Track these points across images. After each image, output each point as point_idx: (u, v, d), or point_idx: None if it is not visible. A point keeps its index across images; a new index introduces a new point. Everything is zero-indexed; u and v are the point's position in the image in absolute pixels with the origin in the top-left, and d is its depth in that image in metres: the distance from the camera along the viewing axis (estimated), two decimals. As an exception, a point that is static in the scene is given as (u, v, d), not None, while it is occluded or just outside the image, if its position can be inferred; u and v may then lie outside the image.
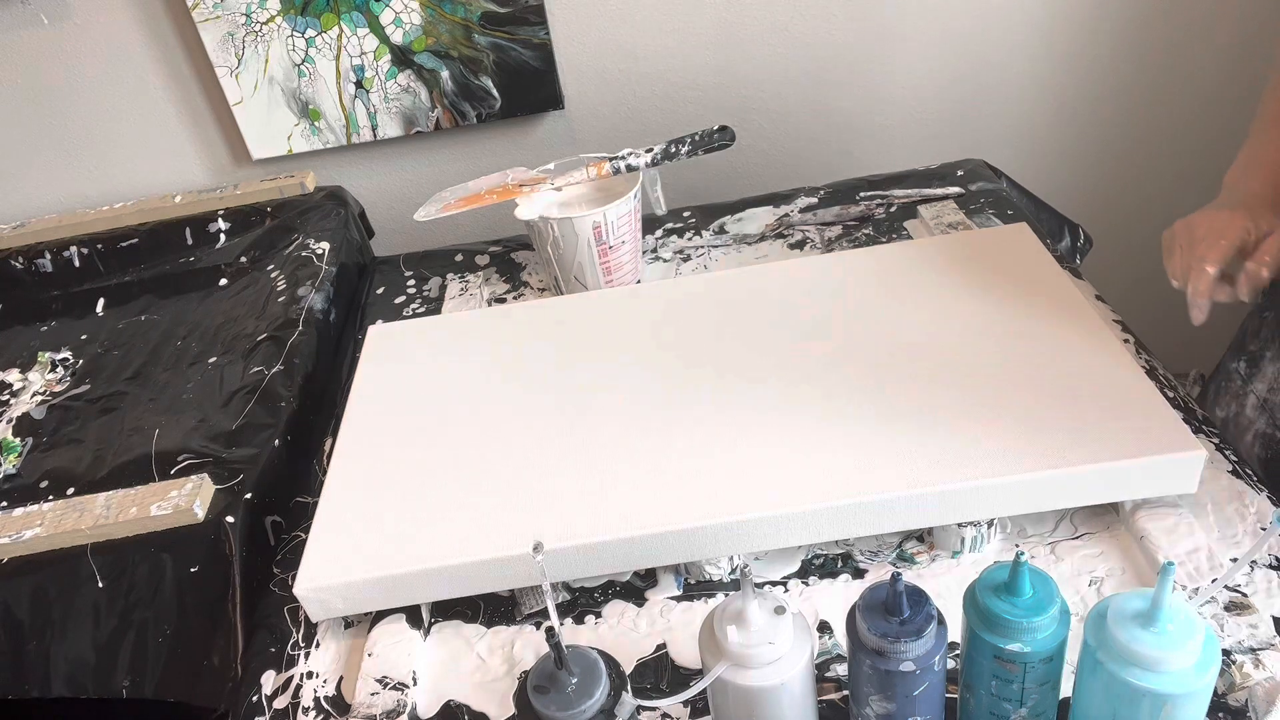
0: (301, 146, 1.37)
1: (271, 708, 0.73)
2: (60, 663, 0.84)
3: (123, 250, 1.29)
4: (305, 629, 0.79)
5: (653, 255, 1.17)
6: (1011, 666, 0.55)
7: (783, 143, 1.46)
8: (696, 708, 0.67)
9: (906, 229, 1.13)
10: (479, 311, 1.05)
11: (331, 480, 0.83)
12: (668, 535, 0.72)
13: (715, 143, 1.04)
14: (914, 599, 0.56)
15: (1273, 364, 0.90)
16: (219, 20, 1.26)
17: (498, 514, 0.76)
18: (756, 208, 1.23)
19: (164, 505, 0.86)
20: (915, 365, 0.83)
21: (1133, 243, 1.52)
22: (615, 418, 0.83)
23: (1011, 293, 0.90)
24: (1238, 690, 0.62)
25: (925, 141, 1.47)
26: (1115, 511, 0.77)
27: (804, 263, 1.01)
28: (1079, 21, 1.39)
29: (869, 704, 0.58)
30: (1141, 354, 0.89)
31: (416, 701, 0.72)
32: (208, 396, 1.03)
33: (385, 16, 1.28)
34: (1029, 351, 0.82)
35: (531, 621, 0.77)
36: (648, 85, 1.39)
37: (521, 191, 1.07)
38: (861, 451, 0.75)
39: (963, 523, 0.74)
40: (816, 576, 0.76)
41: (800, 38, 1.37)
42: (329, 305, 1.16)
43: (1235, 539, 0.72)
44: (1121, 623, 0.53)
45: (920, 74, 1.42)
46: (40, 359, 1.16)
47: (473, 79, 1.33)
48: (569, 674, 0.55)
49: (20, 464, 0.99)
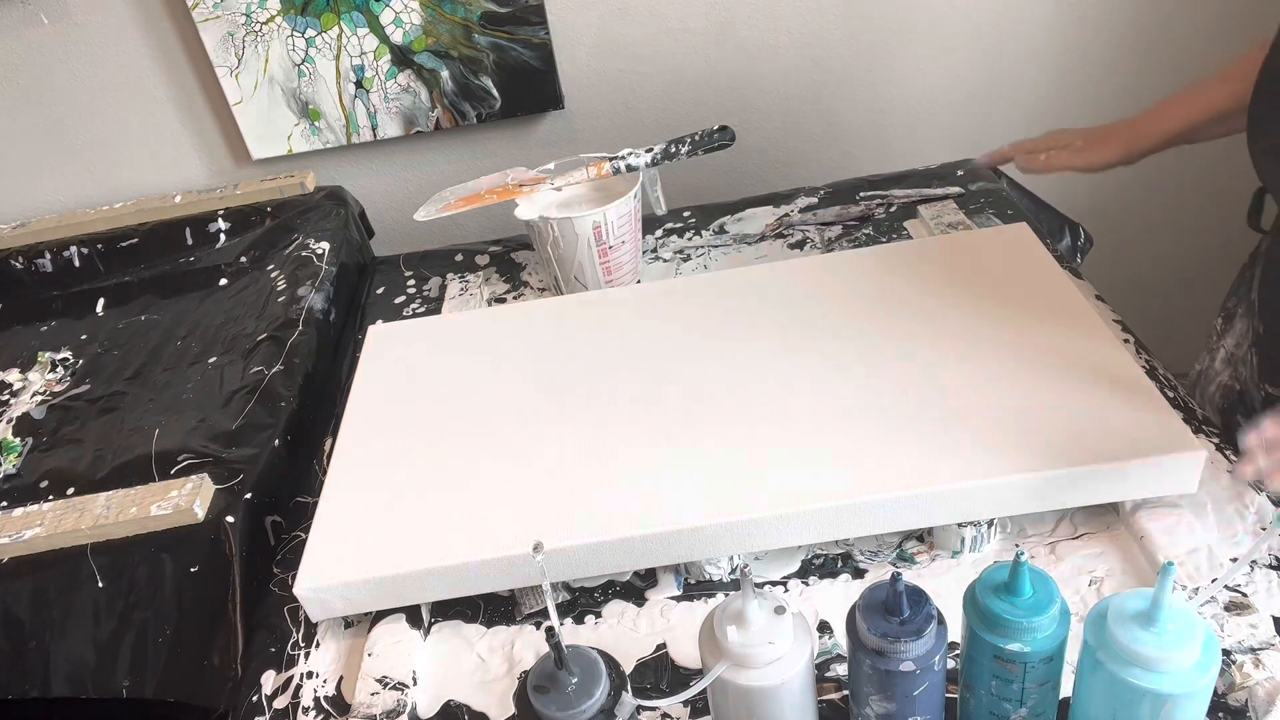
0: (301, 146, 1.37)
1: (271, 708, 0.73)
2: (60, 663, 0.84)
3: (123, 250, 1.30)
4: (305, 629, 0.79)
5: (653, 255, 1.17)
6: (1011, 666, 0.55)
7: (783, 143, 1.46)
8: (696, 708, 0.67)
9: (906, 229, 1.13)
10: (479, 311, 1.05)
11: (331, 480, 0.83)
12: (668, 535, 0.72)
13: (715, 143, 1.04)
14: (914, 599, 0.56)
15: (1243, 320, 0.91)
16: (219, 20, 1.26)
17: (498, 514, 0.76)
18: (756, 208, 1.23)
19: (164, 505, 0.86)
20: (915, 365, 0.83)
21: (1133, 243, 1.52)
22: (615, 417, 0.83)
23: (1011, 293, 0.90)
24: (1238, 690, 0.62)
25: (925, 141, 1.47)
26: (1115, 511, 0.77)
27: (804, 263, 1.01)
28: (1079, 21, 1.39)
29: (869, 704, 0.58)
30: (1141, 354, 0.89)
31: (416, 701, 0.72)
32: (208, 396, 1.03)
33: (385, 16, 1.28)
34: (1029, 351, 0.82)
35: (531, 621, 0.77)
36: (648, 85, 1.39)
37: (521, 191, 1.07)
38: (861, 451, 0.75)
39: (963, 523, 0.74)
40: (816, 576, 0.76)
41: (800, 38, 1.37)
42: (329, 305, 1.16)
43: (1235, 539, 0.72)
44: (1121, 623, 0.53)
45: (921, 74, 1.42)
46: (40, 359, 1.16)
47: (473, 79, 1.33)
48: (569, 674, 0.55)
49: (20, 464, 0.99)
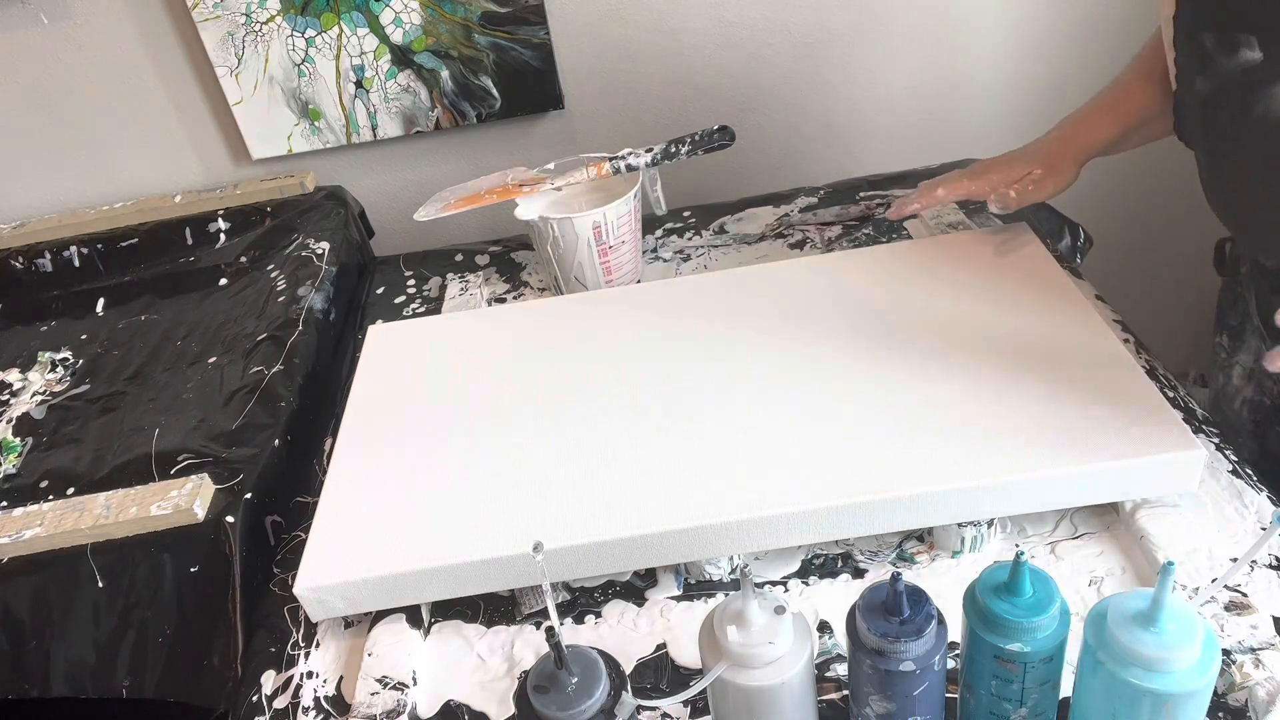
0: (301, 146, 1.37)
1: (271, 708, 0.73)
2: (60, 663, 0.84)
3: (123, 250, 1.30)
4: (305, 629, 0.79)
5: (653, 255, 1.17)
6: (1011, 666, 0.55)
7: (783, 143, 1.46)
8: (696, 708, 0.67)
9: (906, 229, 1.13)
10: (479, 311, 1.05)
11: (331, 480, 0.83)
12: (668, 535, 0.72)
13: (715, 143, 1.04)
14: (914, 599, 0.56)
15: (1254, 336, 0.91)
16: (219, 20, 1.26)
17: (498, 514, 0.76)
18: (756, 208, 1.23)
19: (164, 505, 0.86)
20: (915, 365, 0.83)
21: (1133, 243, 1.52)
22: (615, 417, 0.83)
23: (1011, 292, 0.90)
24: (1238, 690, 0.62)
25: (925, 141, 1.47)
26: (1115, 511, 0.77)
27: (804, 263, 1.01)
28: (1080, 21, 1.39)
29: (869, 704, 0.58)
30: (1141, 354, 0.89)
31: (416, 701, 0.72)
32: (208, 396, 1.03)
33: (385, 16, 1.28)
34: (1029, 352, 0.82)
35: (531, 621, 0.77)
36: (648, 85, 1.39)
37: (521, 191, 1.07)
38: (861, 451, 0.75)
39: (963, 523, 0.74)
40: (816, 576, 0.76)
41: (800, 37, 1.37)
42: (329, 305, 1.16)
43: (1235, 539, 0.72)
44: (1121, 623, 0.53)
45: (921, 74, 1.42)
46: (40, 359, 1.16)
47: (473, 79, 1.33)
48: (569, 674, 0.55)
49: (20, 464, 0.99)
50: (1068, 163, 0.93)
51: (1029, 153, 0.94)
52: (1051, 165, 0.92)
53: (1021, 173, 0.93)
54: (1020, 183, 0.92)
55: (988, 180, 0.94)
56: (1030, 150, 0.95)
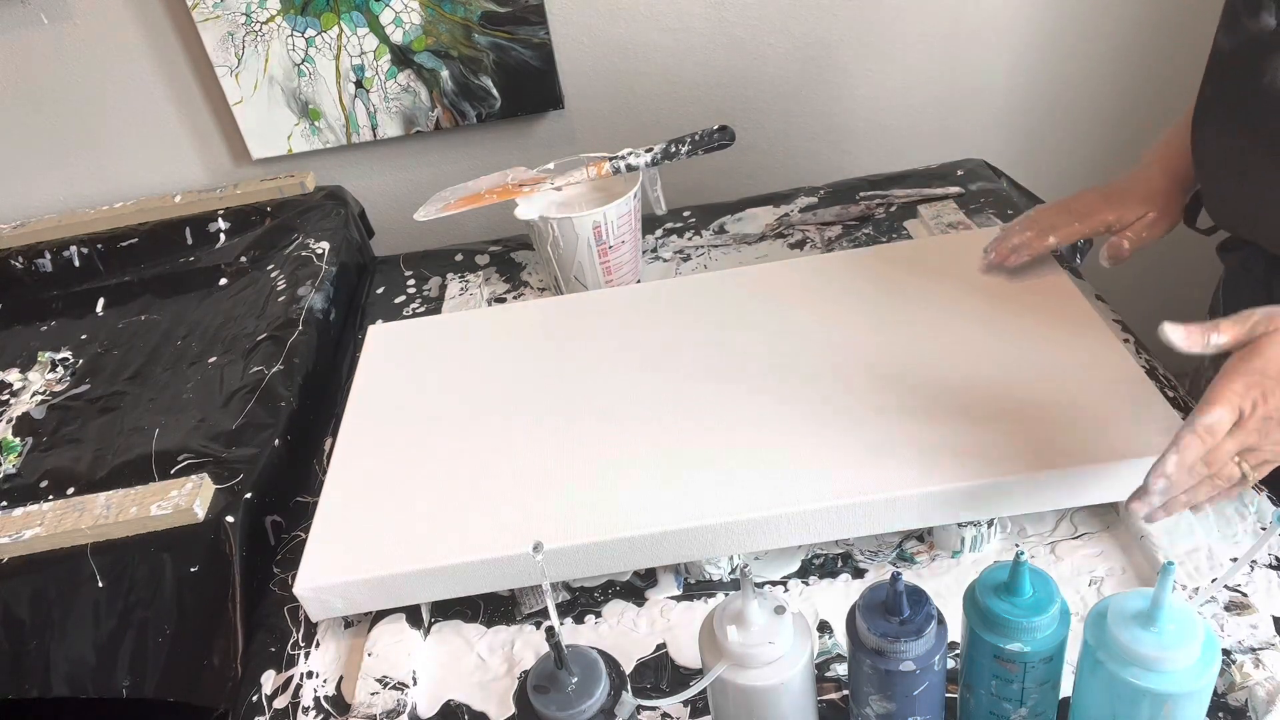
0: (301, 146, 1.37)
1: (271, 707, 0.73)
2: (60, 663, 0.84)
3: (123, 250, 1.30)
4: (305, 629, 0.79)
5: (653, 255, 1.17)
6: (1011, 666, 0.55)
7: (783, 143, 1.46)
8: (696, 708, 0.67)
9: (906, 229, 1.13)
10: (479, 311, 1.05)
11: (331, 480, 0.83)
12: (668, 535, 0.72)
13: (715, 143, 1.04)
14: (914, 599, 0.56)
15: None
16: (219, 20, 1.26)
17: (497, 514, 0.76)
18: (756, 208, 1.23)
19: (164, 505, 0.86)
20: (915, 365, 0.83)
21: (1133, 243, 1.52)
22: (615, 417, 0.83)
23: (1011, 292, 0.90)
24: (1238, 690, 0.62)
25: (925, 141, 1.47)
26: (1115, 511, 0.77)
27: (804, 263, 1.01)
28: (1080, 21, 1.39)
29: (869, 704, 0.58)
30: (1141, 354, 0.89)
31: (416, 701, 0.72)
32: (208, 396, 1.03)
33: (385, 16, 1.28)
34: (1029, 351, 0.82)
35: (531, 621, 0.77)
36: (648, 85, 1.39)
37: (521, 191, 1.07)
38: (861, 451, 0.75)
39: (963, 523, 0.74)
40: (816, 576, 0.76)
41: (799, 37, 1.37)
42: (329, 305, 1.16)
43: (1235, 539, 0.72)
44: (1121, 623, 0.53)
45: (921, 73, 1.42)
46: (40, 359, 1.16)
47: (473, 79, 1.33)
48: (569, 674, 0.55)
49: (20, 464, 0.99)
50: (1176, 199, 0.89)
51: (1138, 192, 0.90)
52: (1164, 206, 0.89)
53: (1135, 215, 0.89)
54: (1133, 228, 0.88)
55: (1101, 220, 0.90)
56: (1139, 189, 0.90)
